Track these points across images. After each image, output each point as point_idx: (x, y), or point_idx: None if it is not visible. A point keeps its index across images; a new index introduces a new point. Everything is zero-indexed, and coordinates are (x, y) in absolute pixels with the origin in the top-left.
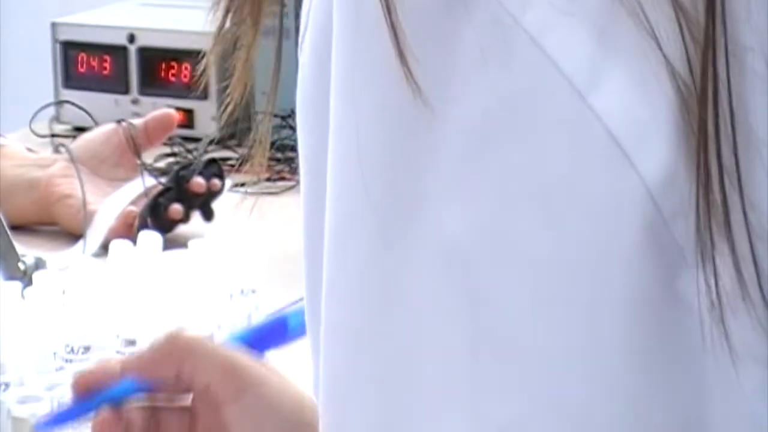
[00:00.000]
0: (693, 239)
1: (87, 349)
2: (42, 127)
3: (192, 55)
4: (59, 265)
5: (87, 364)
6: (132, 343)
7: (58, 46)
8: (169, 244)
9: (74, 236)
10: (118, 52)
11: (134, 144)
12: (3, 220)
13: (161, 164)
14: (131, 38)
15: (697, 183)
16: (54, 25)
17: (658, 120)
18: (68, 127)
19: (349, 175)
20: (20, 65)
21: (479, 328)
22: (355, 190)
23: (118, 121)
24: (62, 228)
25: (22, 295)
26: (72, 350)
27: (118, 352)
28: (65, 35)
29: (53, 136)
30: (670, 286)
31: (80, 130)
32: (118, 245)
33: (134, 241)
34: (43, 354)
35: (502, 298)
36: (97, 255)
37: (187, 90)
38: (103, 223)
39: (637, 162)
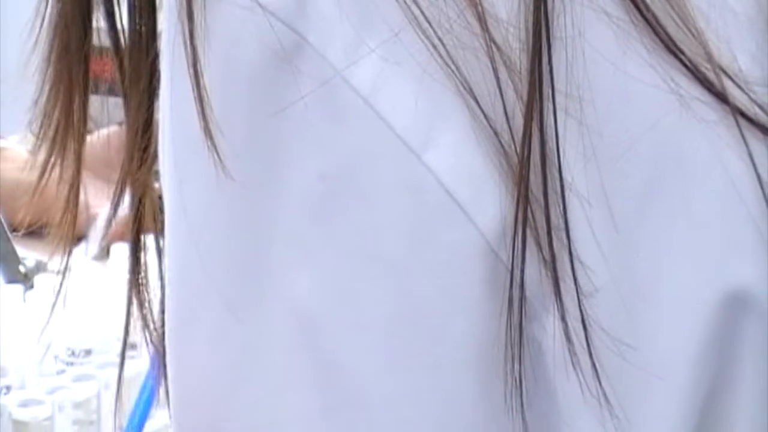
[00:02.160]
0: (535, 289)
1: (88, 352)
2: None
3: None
4: (60, 267)
5: (88, 367)
6: (133, 346)
7: None
8: None
9: (75, 239)
10: (108, 53)
11: None
12: (3, 222)
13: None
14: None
15: (522, 238)
16: None
17: (490, 174)
18: None
19: (185, 258)
20: (21, 68)
21: (334, 393)
22: (195, 273)
23: (120, 124)
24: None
25: (24, 299)
26: (73, 353)
27: (119, 355)
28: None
29: None
30: (523, 333)
31: None
32: (119, 249)
33: None
34: (44, 357)
35: (353, 363)
36: (98, 258)
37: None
38: (105, 225)
39: (474, 215)
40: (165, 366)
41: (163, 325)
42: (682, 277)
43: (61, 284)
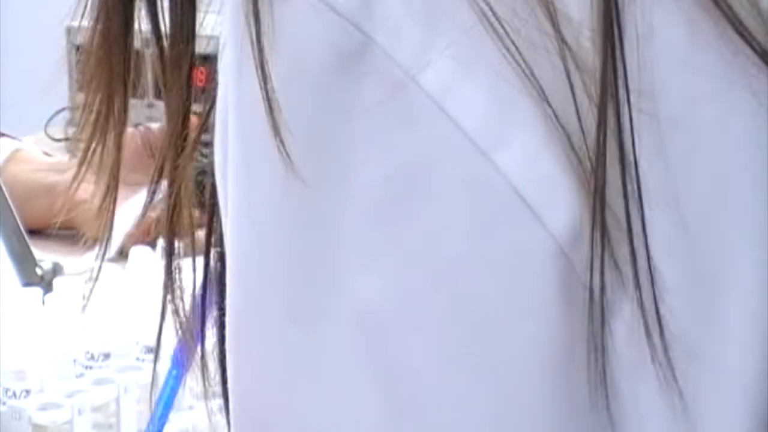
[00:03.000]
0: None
1: (107, 356)
2: (57, 131)
3: (208, 59)
4: (76, 269)
5: (107, 371)
6: (152, 350)
7: (73, 50)
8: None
9: (91, 241)
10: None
11: (151, 148)
12: (20, 224)
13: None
14: (146, 42)
15: (601, 241)
16: (69, 29)
17: (562, 175)
18: None
19: (248, 259)
20: (35, 69)
21: (394, 399)
22: (257, 274)
23: (135, 126)
24: (79, 232)
25: (43, 302)
26: (92, 357)
27: (137, 359)
28: (80, 39)
29: (68, 140)
30: (604, 335)
31: None
32: (138, 251)
33: (153, 247)
34: (63, 361)
35: (416, 367)
36: (114, 260)
37: (203, 94)
38: (121, 228)
39: (545, 218)
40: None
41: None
42: (754, 276)
43: (92, 288)
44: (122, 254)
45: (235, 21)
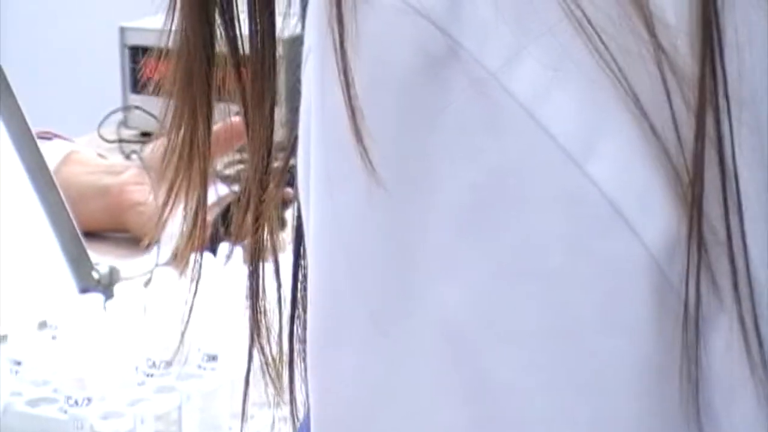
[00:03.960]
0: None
1: (168, 363)
2: (109, 132)
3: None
4: (131, 273)
5: (168, 379)
6: (213, 358)
7: (126, 50)
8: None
9: (145, 244)
10: None
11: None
12: (76, 227)
13: (230, 171)
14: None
15: (698, 253)
16: (122, 29)
17: (657, 185)
18: (136, 132)
19: (333, 267)
20: (88, 70)
21: (481, 411)
22: (342, 283)
23: None
24: (133, 235)
25: (104, 307)
26: (153, 365)
27: (199, 366)
28: (133, 40)
29: (121, 141)
30: (699, 351)
31: (147, 135)
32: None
33: (214, 252)
34: (124, 368)
35: (504, 380)
36: (168, 264)
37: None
38: (176, 230)
39: (639, 229)
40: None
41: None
42: None
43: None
44: (176, 257)
45: (318, 26)
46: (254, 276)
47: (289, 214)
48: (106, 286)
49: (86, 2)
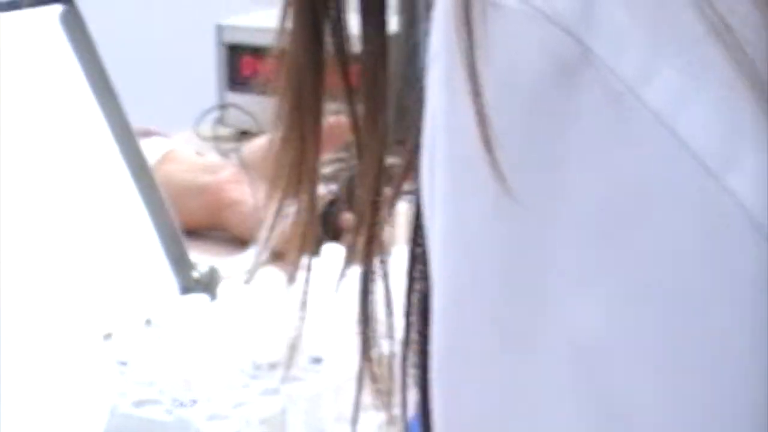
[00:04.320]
0: None
1: (273, 366)
2: (205, 129)
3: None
4: (229, 272)
5: (272, 381)
6: (318, 360)
7: (223, 48)
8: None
9: (242, 242)
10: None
11: None
12: (177, 227)
13: (328, 170)
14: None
15: None
16: (219, 27)
17: None
18: (232, 130)
19: (458, 280)
20: (185, 68)
21: (612, 427)
22: (468, 296)
23: None
24: (231, 234)
25: (208, 308)
26: (258, 367)
27: (304, 369)
28: (230, 37)
29: (216, 139)
30: None
31: (244, 133)
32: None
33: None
34: (229, 370)
35: (637, 400)
36: (267, 263)
37: (355, 94)
38: (275, 231)
39: None
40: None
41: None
42: None
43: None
44: (275, 256)
45: (445, 31)
46: (366, 299)
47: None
48: (206, 285)
49: (183, 0)
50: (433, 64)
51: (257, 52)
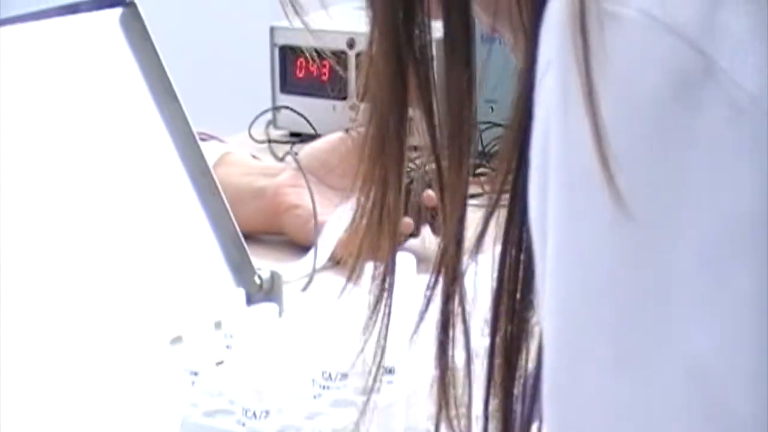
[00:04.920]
0: None
1: (344, 376)
2: (258, 132)
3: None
4: (288, 277)
5: (345, 392)
6: (390, 371)
7: (276, 50)
8: None
9: (300, 247)
10: (337, 57)
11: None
12: (238, 230)
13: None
14: (351, 43)
15: None
16: (272, 29)
17: None
18: (284, 132)
19: (572, 299)
20: (238, 70)
21: None
22: (582, 316)
23: (346, 130)
24: (289, 238)
25: (279, 317)
26: (329, 377)
27: (375, 379)
28: (283, 39)
29: (270, 141)
30: None
31: (296, 135)
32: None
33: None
34: (301, 381)
35: (750, 415)
36: (327, 268)
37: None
38: (333, 235)
39: None
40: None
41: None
42: None
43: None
44: (334, 262)
45: (560, 39)
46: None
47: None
48: (268, 291)
49: (237, 2)
50: (544, 74)
51: (311, 54)
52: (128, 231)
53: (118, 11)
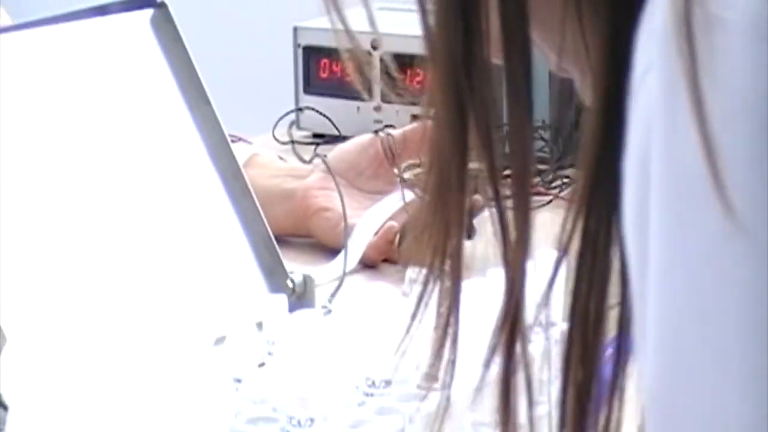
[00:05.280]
0: None
1: (388, 383)
2: (281, 133)
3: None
4: (320, 280)
5: (389, 399)
6: (434, 377)
7: (299, 50)
8: None
9: (329, 250)
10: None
11: (392, 156)
12: (270, 233)
13: (407, 174)
14: (375, 44)
15: None
16: (296, 29)
17: None
18: (307, 133)
19: (679, 314)
20: (261, 70)
21: None
22: (690, 332)
23: (375, 132)
24: (318, 241)
25: (321, 324)
26: (373, 384)
27: (418, 386)
28: (307, 40)
29: (293, 142)
30: None
31: (320, 136)
32: (416, 272)
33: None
34: (344, 387)
35: None
36: (357, 271)
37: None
38: (363, 238)
39: None
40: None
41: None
42: None
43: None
44: (363, 265)
45: (663, 44)
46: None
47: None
48: (301, 295)
49: (260, 2)
50: (644, 76)
51: (334, 54)
52: (160, 233)
53: (149, 12)
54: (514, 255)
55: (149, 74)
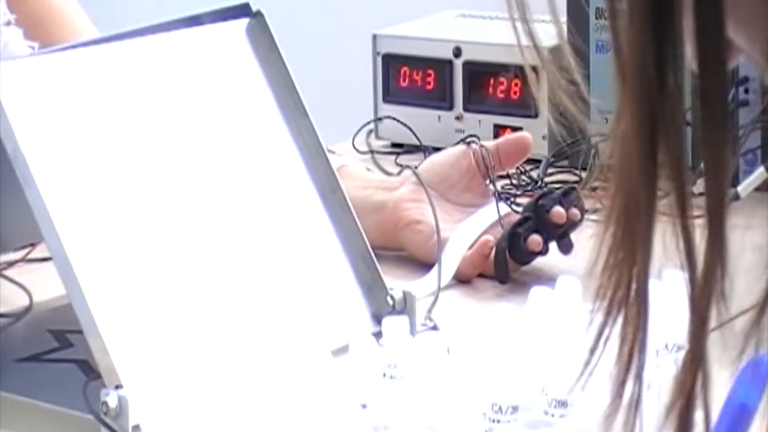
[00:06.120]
0: None
1: (515, 409)
2: (359, 142)
3: (521, 70)
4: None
5: (515, 425)
6: (563, 404)
7: (379, 58)
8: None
9: (421, 264)
10: (442, 66)
11: (486, 168)
12: (369, 248)
13: (501, 183)
14: (457, 52)
15: None
16: (375, 37)
17: None
18: (386, 142)
19: None
20: (341, 78)
21: None
22: None
23: (468, 143)
24: (409, 254)
25: (448, 350)
26: (500, 410)
27: (545, 413)
28: (387, 48)
29: (372, 152)
30: None
31: (398, 146)
32: (538, 291)
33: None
34: (471, 414)
35: None
36: (451, 286)
37: (515, 107)
38: (457, 252)
39: None
40: None
41: None
42: None
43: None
44: (457, 280)
45: None
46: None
47: (574, 236)
48: (400, 311)
49: (340, 10)
50: None
51: (415, 62)
52: (257, 247)
53: (244, 22)
54: (703, 287)
55: (245, 85)
